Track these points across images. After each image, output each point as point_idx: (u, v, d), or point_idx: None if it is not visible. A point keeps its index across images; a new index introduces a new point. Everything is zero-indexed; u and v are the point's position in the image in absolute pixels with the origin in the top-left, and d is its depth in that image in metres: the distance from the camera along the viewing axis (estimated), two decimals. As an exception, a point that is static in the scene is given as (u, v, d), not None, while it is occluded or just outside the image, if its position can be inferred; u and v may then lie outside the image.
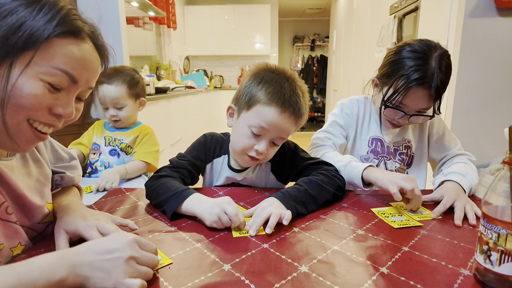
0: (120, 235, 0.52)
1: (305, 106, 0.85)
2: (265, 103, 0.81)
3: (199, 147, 0.96)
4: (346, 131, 1.09)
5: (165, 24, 4.16)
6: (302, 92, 0.85)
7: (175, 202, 0.74)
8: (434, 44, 0.91)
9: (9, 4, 0.49)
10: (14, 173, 0.61)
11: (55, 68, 0.51)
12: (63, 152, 0.78)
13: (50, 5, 0.51)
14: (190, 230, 0.69)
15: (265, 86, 0.82)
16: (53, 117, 0.55)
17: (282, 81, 0.83)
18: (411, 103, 0.93)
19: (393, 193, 0.75)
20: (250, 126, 0.83)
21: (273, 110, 0.81)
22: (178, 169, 0.88)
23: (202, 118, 4.21)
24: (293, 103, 0.82)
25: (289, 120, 0.83)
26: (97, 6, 1.99)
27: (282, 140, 0.87)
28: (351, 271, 0.53)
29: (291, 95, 0.82)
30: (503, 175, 0.47)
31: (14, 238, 0.59)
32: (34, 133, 0.54)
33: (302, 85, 0.87)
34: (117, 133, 1.42)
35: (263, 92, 0.82)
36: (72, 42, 0.53)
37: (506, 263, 0.45)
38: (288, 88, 0.82)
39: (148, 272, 0.49)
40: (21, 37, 0.48)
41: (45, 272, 0.44)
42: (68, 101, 0.55)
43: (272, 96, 0.81)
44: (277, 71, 0.86)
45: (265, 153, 0.85)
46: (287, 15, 6.87)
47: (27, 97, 0.50)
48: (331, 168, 0.89)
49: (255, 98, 0.82)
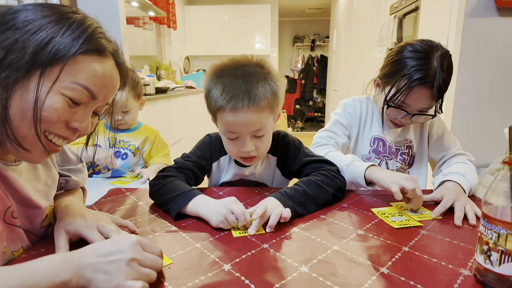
0: (124, 237, 0.52)
1: (264, 87, 0.78)
2: (219, 109, 0.78)
3: (204, 147, 0.96)
4: (348, 131, 1.09)
5: (165, 24, 4.16)
6: (261, 74, 0.79)
7: (181, 202, 0.74)
8: (435, 44, 0.92)
9: (39, 20, 0.51)
10: (23, 177, 0.61)
11: (77, 84, 0.53)
12: (71, 154, 0.79)
13: (78, 23, 0.53)
14: (190, 230, 0.69)
15: (213, 91, 0.79)
16: (69, 131, 0.56)
17: (230, 74, 0.79)
18: (414, 103, 0.93)
19: (394, 192, 0.75)
20: (223, 134, 0.84)
21: (227, 113, 0.77)
22: (183, 169, 0.88)
23: (202, 118, 4.19)
24: (245, 93, 0.75)
25: (249, 112, 0.76)
26: (97, 6, 1.99)
27: (261, 131, 0.81)
28: (351, 271, 0.53)
29: (243, 85, 0.76)
30: (503, 175, 0.47)
31: (18, 242, 0.60)
32: (48, 145, 0.55)
33: (263, 63, 0.82)
34: (123, 135, 1.42)
35: (215, 98, 0.78)
36: (95, 60, 0.55)
37: (506, 263, 0.45)
38: (240, 80, 0.77)
39: (151, 274, 0.49)
40: (49, 53, 0.50)
41: (49, 274, 0.44)
42: (85, 115, 0.57)
43: (223, 98, 0.76)
44: (225, 65, 0.82)
45: (253, 149, 0.83)
46: (287, 15, 6.87)
47: (47, 110, 0.51)
48: (332, 168, 0.89)
49: (213, 107, 0.80)
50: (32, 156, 0.55)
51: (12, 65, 0.48)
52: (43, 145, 0.54)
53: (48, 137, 0.55)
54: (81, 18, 0.54)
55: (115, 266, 0.46)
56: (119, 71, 0.60)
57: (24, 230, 0.62)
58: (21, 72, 0.49)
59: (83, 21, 0.54)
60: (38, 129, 0.51)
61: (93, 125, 0.61)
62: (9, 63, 0.48)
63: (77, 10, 0.56)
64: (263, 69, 0.81)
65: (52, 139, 0.55)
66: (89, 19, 0.56)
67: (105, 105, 0.61)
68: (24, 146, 0.52)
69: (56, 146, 0.56)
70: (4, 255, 0.56)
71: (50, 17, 0.51)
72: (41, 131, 0.52)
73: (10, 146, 0.53)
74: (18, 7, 0.52)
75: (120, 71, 0.61)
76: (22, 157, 0.56)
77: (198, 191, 0.76)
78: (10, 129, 0.50)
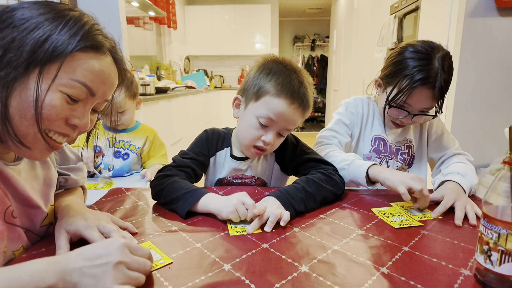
0: (110, 240, 0.52)
1: (312, 98, 0.87)
2: (274, 94, 0.82)
3: (201, 143, 0.96)
4: (351, 130, 1.10)
5: (166, 24, 4.16)
6: (309, 84, 0.86)
7: (191, 199, 0.75)
8: (436, 45, 0.93)
9: (36, 18, 0.50)
10: (22, 176, 0.61)
11: (75, 81, 0.52)
12: (70, 153, 0.79)
13: (74, 20, 0.53)
14: (191, 230, 0.69)
15: (274, 77, 0.83)
16: (69, 128, 0.56)
17: (290, 72, 0.83)
18: (415, 103, 0.94)
19: (402, 193, 0.75)
20: (258, 117, 0.84)
21: (282, 102, 0.81)
22: (182, 168, 0.89)
23: (202, 118, 4.21)
24: (302, 95, 0.83)
25: (297, 111, 0.84)
26: (97, 6, 1.99)
27: (288, 132, 0.88)
28: (352, 271, 0.53)
29: (300, 87, 0.83)
30: (504, 175, 0.47)
31: (18, 242, 0.60)
32: (49, 143, 0.55)
33: (309, 77, 0.88)
34: (122, 134, 1.42)
35: (272, 84, 0.82)
36: (93, 56, 0.54)
37: (507, 263, 0.45)
38: (296, 80, 0.83)
39: (140, 278, 0.48)
40: (47, 50, 0.49)
41: (34, 278, 0.43)
42: (84, 112, 0.56)
43: (282, 88, 0.81)
44: (284, 62, 0.86)
45: (271, 143, 0.86)
46: (288, 15, 6.87)
47: (46, 108, 0.51)
48: (329, 167, 0.90)
49: (264, 89, 0.83)
50: (33, 153, 0.55)
51: (11, 63, 0.48)
52: (46, 142, 0.54)
53: (49, 134, 0.55)
54: (77, 15, 0.54)
55: (102, 269, 0.45)
56: (117, 68, 0.60)
57: (24, 229, 0.62)
58: (20, 70, 0.49)
59: (80, 18, 0.54)
60: (41, 127, 0.51)
61: (93, 122, 0.61)
62: (8, 61, 0.48)
63: (74, 8, 0.56)
64: (310, 81, 0.88)
65: (52, 136, 0.55)
66: (86, 16, 0.56)
67: (104, 102, 0.60)
68: (26, 143, 0.52)
69: (57, 143, 0.56)
70: (4, 255, 0.56)
71: (47, 14, 0.51)
72: (42, 129, 0.52)
73: (11, 144, 0.53)
74: (15, 5, 0.52)
75: (118, 67, 0.60)
76: (23, 155, 0.56)
77: (206, 190, 0.78)
78: (11, 127, 0.50)
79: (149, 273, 0.51)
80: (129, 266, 0.47)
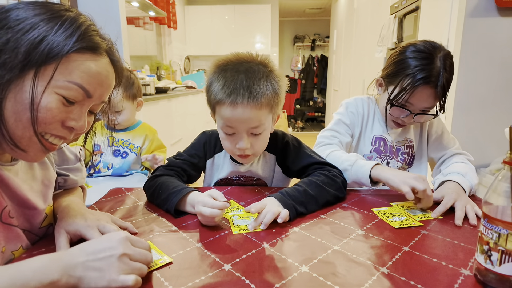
0: (112, 234, 0.53)
1: (265, 85, 0.77)
2: (219, 102, 0.78)
3: (198, 145, 0.96)
4: (351, 130, 1.10)
5: (166, 24, 4.16)
6: (263, 72, 0.78)
7: (175, 198, 0.75)
8: (438, 45, 0.94)
9: (31, 19, 0.50)
10: (19, 177, 0.61)
11: (71, 83, 0.52)
12: (69, 153, 0.79)
13: (70, 21, 0.52)
14: (191, 230, 0.69)
15: (214, 85, 0.79)
16: (65, 130, 0.55)
17: (231, 71, 0.78)
18: (417, 102, 0.94)
19: (405, 193, 0.75)
20: (221, 128, 0.83)
21: (226, 107, 0.77)
22: (173, 167, 0.90)
23: (202, 118, 4.21)
24: (246, 88, 0.75)
25: (248, 108, 0.76)
26: (97, 6, 1.99)
27: (258, 129, 0.81)
28: (352, 271, 0.53)
29: (244, 80, 0.76)
30: (504, 175, 0.47)
31: (16, 242, 0.60)
32: (45, 145, 0.54)
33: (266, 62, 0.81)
34: (123, 134, 1.41)
35: (215, 92, 0.78)
36: (89, 58, 0.54)
37: (507, 263, 0.45)
38: (237, 75, 0.76)
39: (142, 268, 0.49)
40: (42, 52, 0.49)
41: (37, 274, 0.43)
42: (81, 114, 0.56)
43: (223, 92, 0.76)
44: (229, 60, 0.81)
45: (249, 147, 0.82)
46: (288, 15, 6.87)
47: (41, 111, 0.50)
48: (333, 169, 0.89)
49: (213, 101, 0.80)
50: (29, 155, 0.55)
51: (5, 65, 0.47)
52: (42, 144, 0.53)
53: (45, 137, 0.54)
54: (73, 15, 0.53)
55: (106, 262, 0.46)
56: (114, 69, 0.59)
57: (23, 229, 0.61)
58: (15, 72, 0.48)
59: (76, 19, 0.53)
60: (36, 130, 0.51)
61: (89, 123, 0.60)
62: (2, 63, 0.47)
63: (70, 8, 0.55)
64: (266, 68, 0.80)
65: (48, 139, 0.55)
66: (82, 17, 0.55)
67: (101, 103, 0.60)
68: (21, 146, 0.52)
69: (53, 145, 0.56)
70: (3, 255, 0.56)
71: (42, 15, 0.50)
72: (38, 132, 0.52)
73: (6, 146, 0.52)
74: (10, 6, 0.51)
75: (115, 68, 0.60)
76: (18, 156, 0.56)
77: (190, 188, 0.77)
78: (6, 130, 0.50)
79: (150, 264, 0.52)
80: (132, 258, 0.49)
